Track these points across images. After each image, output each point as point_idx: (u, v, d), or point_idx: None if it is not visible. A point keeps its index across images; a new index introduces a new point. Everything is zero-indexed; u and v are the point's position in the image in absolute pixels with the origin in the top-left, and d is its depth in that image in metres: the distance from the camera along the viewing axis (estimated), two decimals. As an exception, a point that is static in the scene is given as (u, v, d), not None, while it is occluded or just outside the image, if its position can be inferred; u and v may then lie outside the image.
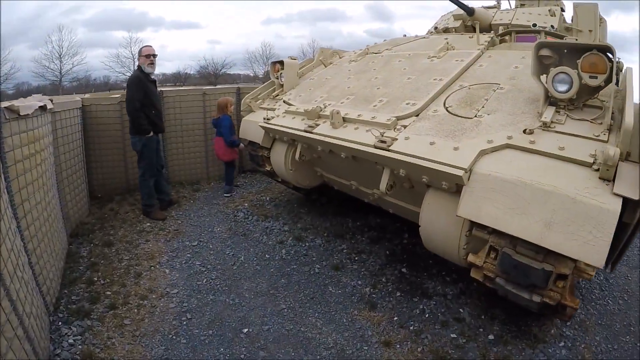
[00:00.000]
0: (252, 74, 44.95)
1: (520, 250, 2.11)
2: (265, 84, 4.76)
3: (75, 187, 4.36)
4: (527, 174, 2.07)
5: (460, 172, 2.22)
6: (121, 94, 5.20)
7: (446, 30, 5.04)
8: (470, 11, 4.45)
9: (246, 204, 5.12)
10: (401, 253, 3.92)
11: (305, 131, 3.31)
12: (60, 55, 34.98)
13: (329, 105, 3.48)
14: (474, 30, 4.35)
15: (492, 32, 4.19)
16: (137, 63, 4.61)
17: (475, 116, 2.61)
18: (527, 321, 2.96)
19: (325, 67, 4.68)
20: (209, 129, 5.88)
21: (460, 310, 3.11)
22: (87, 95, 5.47)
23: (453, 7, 4.39)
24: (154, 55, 4.54)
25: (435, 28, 5.32)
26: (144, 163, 4.58)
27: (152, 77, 4.64)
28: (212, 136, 5.80)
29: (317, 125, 3.30)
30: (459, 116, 2.68)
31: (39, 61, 34.05)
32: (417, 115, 2.90)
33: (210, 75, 42.66)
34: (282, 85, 4.49)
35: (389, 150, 2.65)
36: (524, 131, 2.31)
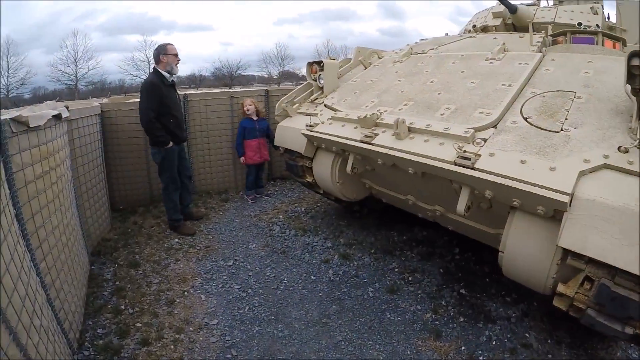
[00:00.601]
0: (266, 75, 45.31)
1: (619, 282, 1.93)
2: (301, 86, 4.48)
3: (96, 201, 4.15)
4: (631, 199, 1.88)
5: (564, 198, 2.00)
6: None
7: (485, 28, 4.81)
8: (513, 9, 4.23)
9: (281, 216, 4.84)
10: (456, 270, 3.66)
11: (362, 142, 3.03)
12: (75, 60, 36.43)
13: (384, 111, 3.21)
14: (514, 29, 4.29)
15: (541, 32, 3.95)
16: (152, 65, 4.28)
17: (562, 129, 2.38)
18: (592, 343, 2.83)
19: (365, 67, 4.38)
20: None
21: (526, 334, 2.92)
22: (105, 100, 5.06)
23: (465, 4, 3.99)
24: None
25: (474, 26, 5.06)
26: (165, 176, 4.31)
27: (172, 79, 4.28)
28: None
29: (376, 135, 3.00)
30: (544, 129, 2.44)
31: (54, 66, 35.48)
32: (494, 127, 2.64)
33: (225, 77, 43.10)
34: (321, 88, 4.21)
35: (473, 169, 2.37)
36: (619, 149, 2.10)
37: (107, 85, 39.71)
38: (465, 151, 2.46)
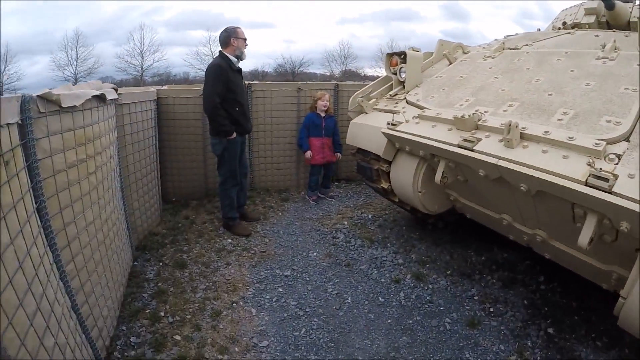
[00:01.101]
0: (328, 73, 45.31)
1: None
2: (378, 79, 4.10)
3: (146, 192, 3.99)
4: None
5: None
6: (200, 87, 4.46)
7: (576, 26, 4.30)
8: (611, 5, 3.75)
9: (345, 222, 4.50)
10: (541, 303, 3.15)
11: (461, 147, 2.58)
12: (141, 52, 37.93)
13: (485, 112, 2.74)
14: (608, 27, 3.94)
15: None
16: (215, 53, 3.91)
17: None
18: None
19: (450, 62, 3.90)
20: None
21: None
22: (164, 87, 4.82)
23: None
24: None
25: (564, 23, 4.55)
26: (224, 169, 4.03)
27: (238, 65, 3.98)
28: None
29: (478, 140, 2.55)
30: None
31: (121, 57, 37.19)
32: (627, 140, 2.17)
33: (288, 74, 43.47)
34: (401, 83, 3.81)
35: (611, 193, 1.90)
36: None
37: (172, 77, 40.80)
38: (600, 169, 1.99)
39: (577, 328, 2.90)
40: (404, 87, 3.75)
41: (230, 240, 4.00)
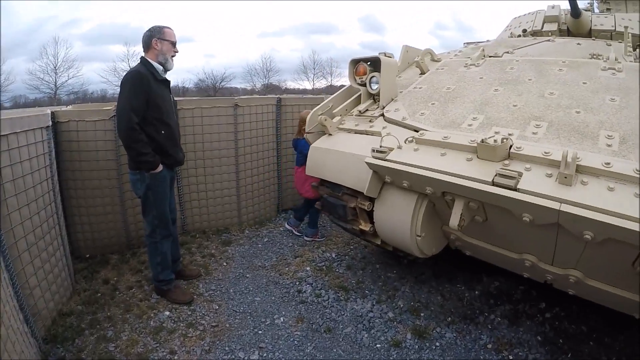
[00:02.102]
0: (249, 87, 43.78)
1: None
2: (339, 92, 3.27)
3: (46, 259, 2.63)
4: None
5: None
6: (114, 105, 3.26)
7: (536, 33, 4.11)
8: (578, 13, 3.63)
9: (307, 267, 3.54)
10: (555, 336, 2.64)
11: (497, 184, 1.82)
12: (55, 67, 34.38)
13: (509, 135, 2.04)
14: (569, 35, 3.81)
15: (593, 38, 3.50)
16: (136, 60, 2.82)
17: None
18: None
19: (422, 71, 3.17)
20: (246, 154, 4.35)
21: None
22: (66, 107, 3.52)
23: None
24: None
25: (524, 30, 4.33)
26: (151, 216, 2.87)
27: (164, 75, 2.89)
28: (246, 164, 4.27)
29: (519, 174, 1.81)
30: None
31: (33, 73, 33.37)
32: None
33: (209, 89, 41.58)
34: (371, 95, 2.99)
35: None
36: None
37: (88, 95, 37.91)
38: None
39: (597, 355, 2.49)
40: (375, 100, 2.95)
41: (168, 313, 2.81)
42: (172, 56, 2.86)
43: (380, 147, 2.29)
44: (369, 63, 2.95)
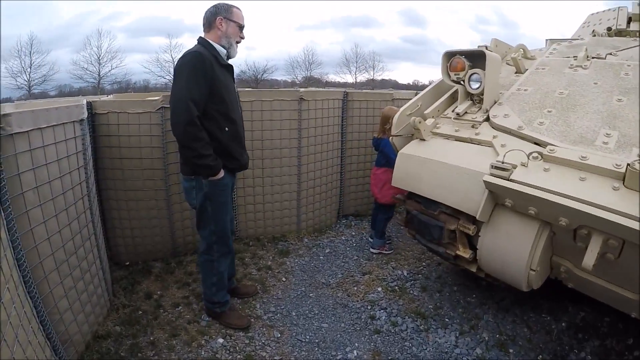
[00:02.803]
0: (290, 80, 46.62)
1: None
2: (427, 89, 3.06)
3: (80, 276, 2.42)
4: None
5: None
6: (162, 95, 3.10)
7: (621, 32, 4.08)
8: None
9: (379, 288, 3.39)
10: None
11: None
12: (99, 58, 37.42)
13: None
14: None
15: None
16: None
17: None
18: None
19: (519, 70, 2.99)
20: (309, 154, 4.20)
21: None
22: (107, 97, 3.37)
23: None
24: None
25: (609, 29, 4.16)
26: (208, 231, 2.64)
27: (228, 61, 2.63)
28: (309, 165, 4.16)
29: None
30: None
31: (77, 63, 36.56)
32: None
33: (250, 81, 44.13)
34: (469, 95, 2.77)
35: None
36: None
37: (131, 85, 41.18)
38: None
39: None
40: (474, 102, 2.74)
41: (222, 341, 2.66)
42: (237, 42, 2.60)
43: (503, 162, 2.11)
44: (471, 57, 2.73)
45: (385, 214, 3.96)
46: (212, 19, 2.51)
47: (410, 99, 5.05)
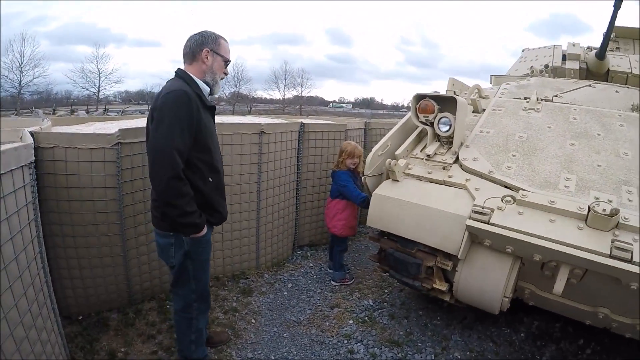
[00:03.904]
0: (216, 95, 49.06)
1: None
2: (395, 129, 3.49)
3: (35, 334, 2.32)
4: None
5: None
6: (118, 129, 3.17)
7: (556, 69, 4.93)
8: (604, 55, 4.38)
9: (350, 321, 3.75)
10: None
11: (616, 258, 2.23)
12: (21, 65, 37.92)
13: (609, 201, 2.52)
14: (589, 75, 4.56)
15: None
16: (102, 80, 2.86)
17: None
18: None
19: (477, 110, 3.63)
20: (269, 188, 4.47)
21: None
22: (44, 123, 3.25)
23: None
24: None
25: (546, 66, 5.02)
26: (187, 290, 2.63)
27: (211, 100, 2.66)
28: (268, 199, 4.38)
29: (629, 245, 2.24)
30: None
31: None
32: None
33: None
34: (437, 137, 3.31)
35: None
36: None
37: (52, 96, 43.20)
38: None
39: None
40: (442, 143, 3.26)
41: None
42: (221, 78, 2.63)
43: (483, 207, 2.62)
44: (439, 100, 3.20)
45: (339, 246, 4.40)
46: (197, 50, 2.46)
47: (360, 128, 5.60)
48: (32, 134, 2.85)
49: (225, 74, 2.64)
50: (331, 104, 79.93)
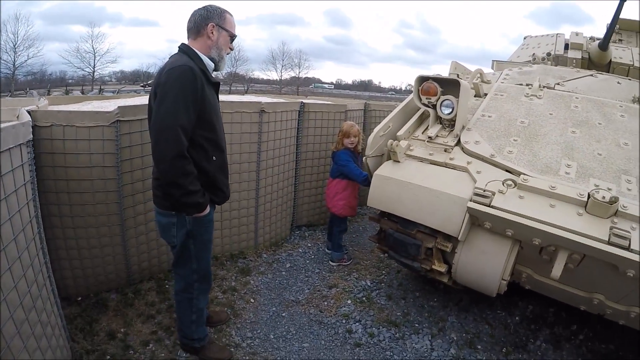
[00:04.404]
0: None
1: None
2: (397, 111, 3.50)
3: (35, 316, 2.31)
4: None
5: None
6: (117, 106, 3.14)
7: (559, 58, 5.03)
8: (607, 46, 4.43)
9: (349, 301, 3.82)
10: (592, 357, 3.34)
11: (614, 244, 2.28)
12: (15, 46, 37.87)
13: (609, 189, 2.56)
14: (591, 65, 4.63)
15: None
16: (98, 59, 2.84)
17: None
18: None
19: (479, 94, 3.67)
20: (268, 167, 4.48)
21: None
22: (42, 101, 3.22)
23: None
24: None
25: (548, 54, 5.08)
26: (189, 270, 2.65)
27: (215, 76, 2.63)
28: (267, 178, 4.38)
29: (627, 232, 2.31)
30: None
31: None
32: None
33: None
34: (439, 120, 3.30)
35: None
36: None
37: (47, 77, 43.84)
38: None
39: None
40: (443, 125, 3.28)
41: (202, 379, 2.87)
42: (227, 54, 2.56)
43: (484, 190, 2.65)
44: (442, 83, 3.20)
45: (339, 226, 4.46)
46: (202, 24, 2.40)
47: (360, 109, 5.60)
48: (29, 112, 2.82)
49: (231, 49, 2.59)
50: (313, 84, 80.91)
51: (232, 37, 2.54)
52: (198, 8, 2.46)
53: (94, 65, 43.03)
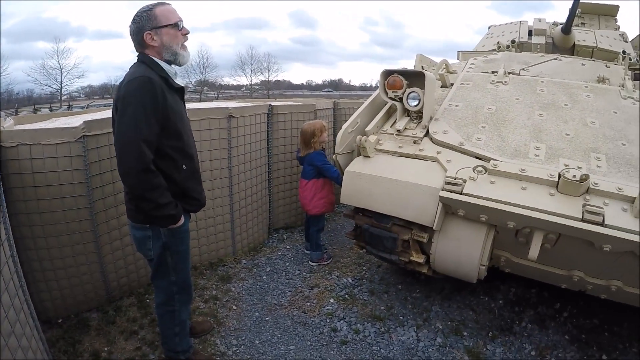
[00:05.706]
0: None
1: None
2: (364, 107, 3.53)
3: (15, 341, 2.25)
4: None
5: None
6: (83, 121, 3.07)
7: (522, 44, 5.13)
8: (569, 30, 4.53)
9: (331, 300, 3.85)
10: (578, 333, 3.37)
11: (588, 221, 2.32)
12: None
13: (579, 168, 2.61)
14: (555, 49, 4.70)
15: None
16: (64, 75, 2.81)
17: None
18: None
19: (445, 84, 3.71)
20: (240, 172, 4.41)
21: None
22: (7, 122, 3.13)
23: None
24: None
25: (513, 41, 5.23)
26: (168, 282, 2.60)
27: (177, 80, 2.50)
28: (240, 184, 4.38)
29: (600, 209, 2.35)
30: None
31: None
32: None
33: None
34: (407, 113, 3.30)
35: None
36: None
37: (14, 96, 42.54)
38: None
39: (615, 344, 3.24)
40: (411, 118, 3.30)
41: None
42: (183, 42, 2.41)
43: (455, 178, 2.65)
44: (407, 76, 3.21)
45: (316, 225, 4.47)
46: (139, 38, 2.30)
47: (329, 108, 5.59)
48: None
49: (185, 33, 2.40)
50: (325, 89, 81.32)
51: (176, 24, 2.34)
52: (130, 22, 2.33)
53: (62, 81, 42.81)
